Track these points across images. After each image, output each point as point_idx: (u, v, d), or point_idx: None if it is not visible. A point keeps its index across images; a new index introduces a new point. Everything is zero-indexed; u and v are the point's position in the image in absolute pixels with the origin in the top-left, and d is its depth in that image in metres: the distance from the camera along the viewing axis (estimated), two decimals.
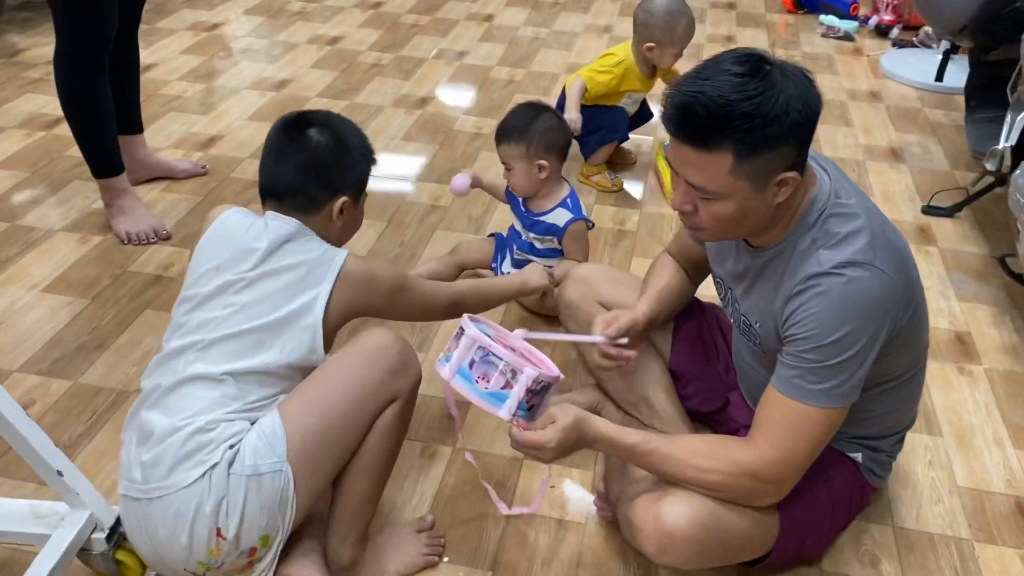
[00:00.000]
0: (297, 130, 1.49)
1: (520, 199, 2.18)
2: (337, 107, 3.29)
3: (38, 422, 1.45)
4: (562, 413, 1.36)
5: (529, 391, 1.32)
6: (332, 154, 1.49)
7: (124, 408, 1.86)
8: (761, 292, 1.42)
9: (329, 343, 1.46)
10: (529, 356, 1.46)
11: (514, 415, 1.32)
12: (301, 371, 1.42)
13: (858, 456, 1.54)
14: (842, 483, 1.52)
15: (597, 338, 1.58)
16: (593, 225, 2.21)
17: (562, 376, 1.40)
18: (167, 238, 2.43)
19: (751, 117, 1.18)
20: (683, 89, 1.23)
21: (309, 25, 4.10)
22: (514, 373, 1.31)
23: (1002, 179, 2.43)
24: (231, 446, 1.32)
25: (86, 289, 2.23)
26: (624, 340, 1.58)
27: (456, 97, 3.44)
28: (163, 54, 3.67)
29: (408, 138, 3.10)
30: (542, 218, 2.14)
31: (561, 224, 2.12)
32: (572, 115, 2.58)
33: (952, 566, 1.60)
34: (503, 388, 1.31)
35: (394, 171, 2.88)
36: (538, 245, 2.18)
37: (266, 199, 1.52)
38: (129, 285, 2.25)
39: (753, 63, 1.22)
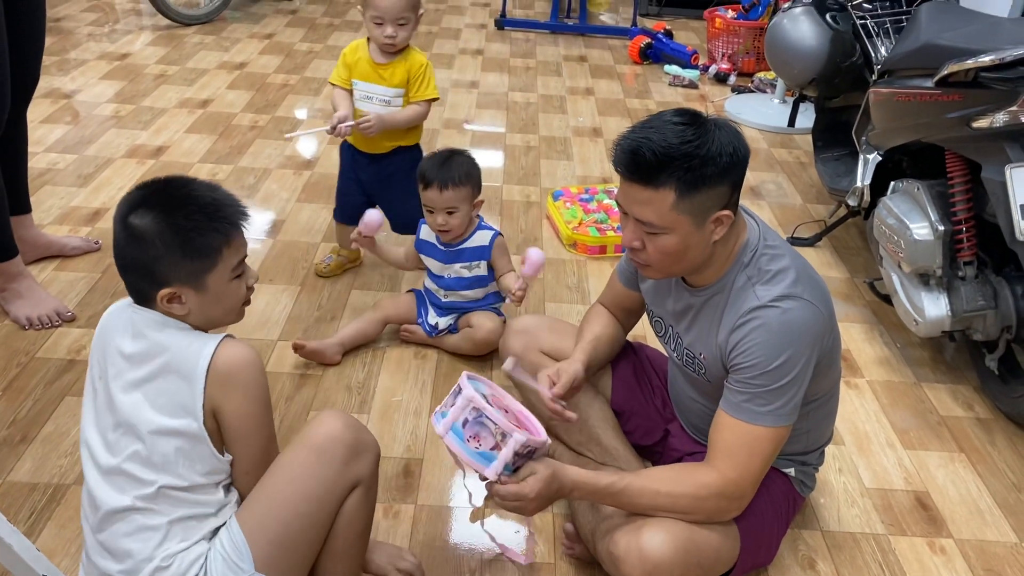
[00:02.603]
0: (124, 215, 1.31)
1: (436, 240, 2.27)
2: (222, 171, 3.26)
3: None
4: (541, 466, 1.46)
5: (516, 454, 1.41)
6: (144, 244, 1.29)
7: (65, 502, 1.78)
8: (703, 326, 1.58)
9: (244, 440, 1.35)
10: (522, 418, 1.54)
11: (500, 475, 1.41)
12: (221, 473, 1.35)
13: (791, 471, 1.72)
14: (781, 496, 1.69)
15: (545, 390, 1.66)
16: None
17: (549, 441, 1.49)
18: (72, 319, 2.33)
19: (691, 158, 1.38)
20: (632, 136, 1.43)
21: (174, 88, 4.02)
22: (504, 436, 1.40)
23: (857, 212, 2.76)
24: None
25: None
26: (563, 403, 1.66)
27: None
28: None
29: (303, 199, 3.11)
30: (465, 245, 2.25)
31: (487, 243, 2.24)
32: (338, 114, 2.35)
33: (876, 560, 1.81)
34: (492, 449, 1.40)
35: (297, 233, 2.88)
36: (466, 274, 2.27)
37: None
38: (41, 373, 2.14)
39: (690, 115, 1.43)
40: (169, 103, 3.85)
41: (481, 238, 2.25)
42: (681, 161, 1.37)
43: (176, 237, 1.28)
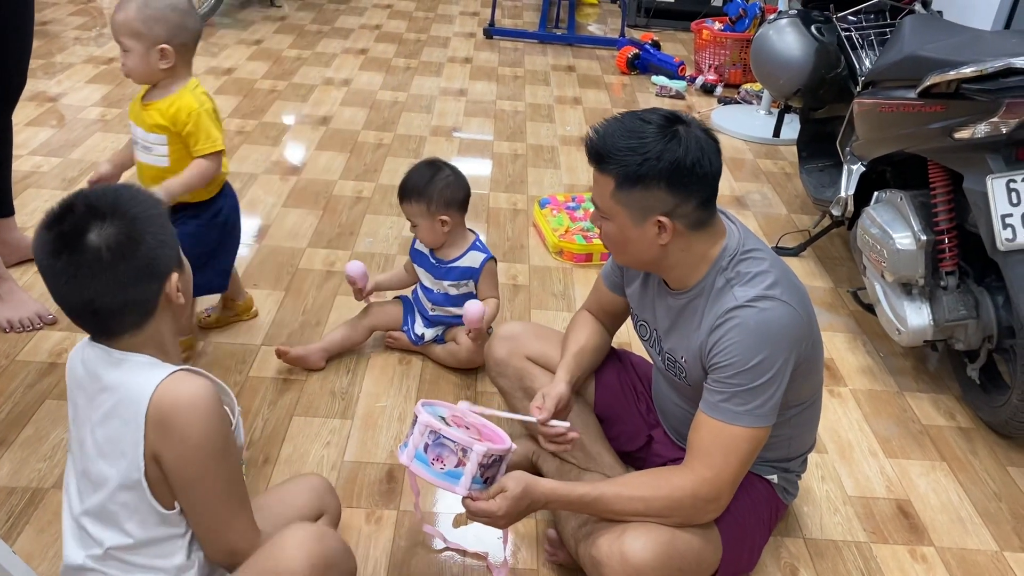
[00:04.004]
0: (72, 246, 1.14)
1: (429, 253, 2.27)
2: None
3: None
4: (512, 483, 1.47)
5: (482, 465, 1.42)
6: (133, 246, 1.16)
7: (43, 506, 1.76)
8: (685, 329, 1.59)
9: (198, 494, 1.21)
10: (483, 429, 1.55)
11: (470, 489, 1.42)
12: (175, 528, 1.23)
13: (773, 478, 1.72)
14: (763, 503, 1.70)
15: (532, 418, 1.66)
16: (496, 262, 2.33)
17: (514, 446, 1.50)
18: (53, 323, 2.32)
19: (631, 151, 1.43)
20: (603, 123, 1.49)
21: None
22: (465, 451, 1.41)
23: (841, 222, 2.78)
24: None
25: None
26: (565, 424, 1.66)
27: (329, 162, 3.47)
28: None
29: (289, 205, 3.10)
30: (456, 264, 2.24)
31: (477, 265, 2.23)
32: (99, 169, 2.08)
33: (857, 567, 1.82)
34: (457, 466, 1.42)
35: (282, 239, 2.87)
36: (453, 292, 2.26)
37: (78, 323, 1.22)
38: (21, 376, 2.12)
39: (663, 116, 1.47)
40: None
41: (472, 259, 2.24)
42: (621, 153, 1.43)
43: (151, 222, 1.19)
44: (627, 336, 2.32)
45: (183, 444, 1.16)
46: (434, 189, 2.17)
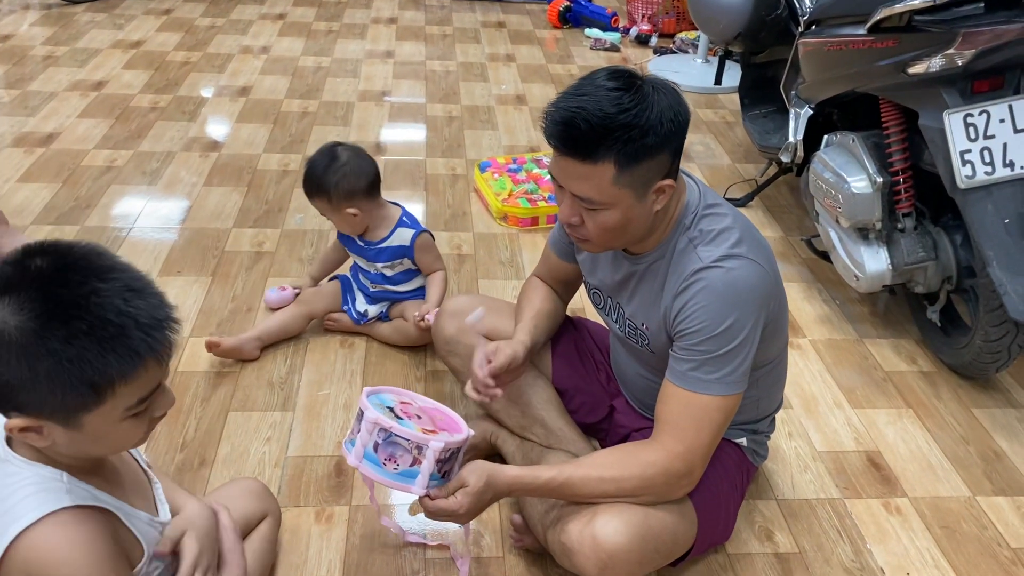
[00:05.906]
0: None
1: (356, 236, 2.11)
2: (121, 157, 3.02)
3: None
4: (473, 476, 1.36)
5: (439, 460, 1.31)
6: None
7: None
8: (645, 295, 1.48)
9: None
10: (435, 415, 1.43)
11: (427, 487, 1.31)
12: None
13: (743, 441, 1.64)
14: (734, 468, 1.62)
15: (479, 367, 1.55)
16: (433, 236, 2.16)
17: (472, 433, 1.39)
18: None
19: (630, 128, 1.25)
20: (563, 106, 1.28)
21: (64, 71, 3.73)
22: (420, 449, 1.29)
23: (789, 169, 2.70)
24: None
25: None
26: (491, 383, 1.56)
27: (251, 135, 3.26)
28: None
29: (211, 183, 2.90)
30: (385, 244, 2.09)
31: (407, 243, 2.08)
32: None
33: (833, 525, 1.76)
34: (412, 465, 1.30)
35: (206, 219, 2.68)
36: (389, 272, 2.12)
37: None
38: None
39: (625, 78, 1.29)
40: (59, 86, 3.57)
41: (401, 237, 2.08)
42: (620, 133, 1.25)
43: (43, 362, 0.91)
44: (581, 303, 2.22)
45: None
46: (330, 182, 1.99)
